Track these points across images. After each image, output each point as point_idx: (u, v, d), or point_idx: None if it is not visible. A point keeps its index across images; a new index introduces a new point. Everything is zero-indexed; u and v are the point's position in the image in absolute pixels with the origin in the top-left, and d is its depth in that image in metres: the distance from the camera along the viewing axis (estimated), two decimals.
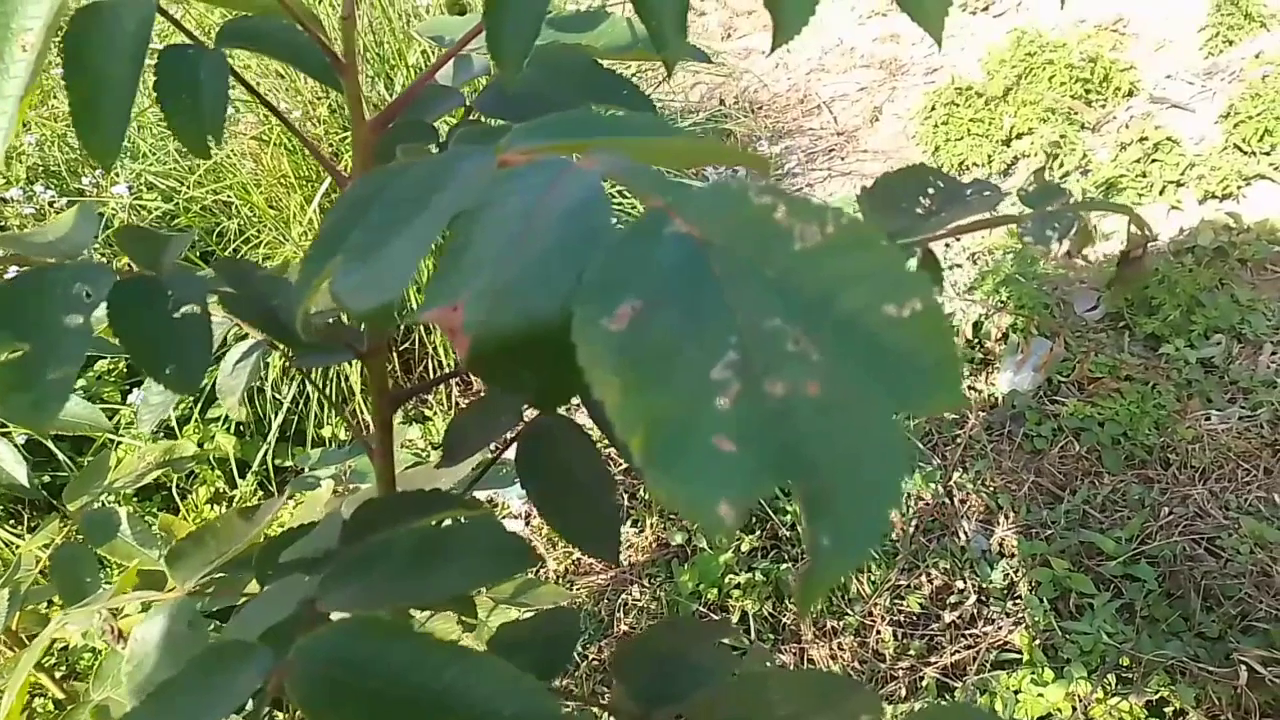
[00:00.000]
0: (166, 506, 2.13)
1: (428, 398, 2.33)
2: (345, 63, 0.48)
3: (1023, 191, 0.46)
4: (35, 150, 2.54)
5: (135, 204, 2.37)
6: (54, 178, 2.55)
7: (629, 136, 0.35)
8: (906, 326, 0.27)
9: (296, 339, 0.46)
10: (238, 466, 2.15)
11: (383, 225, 0.35)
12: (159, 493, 2.15)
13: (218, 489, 2.19)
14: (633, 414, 0.25)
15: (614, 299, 0.27)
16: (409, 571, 0.46)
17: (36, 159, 2.54)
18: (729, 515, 0.24)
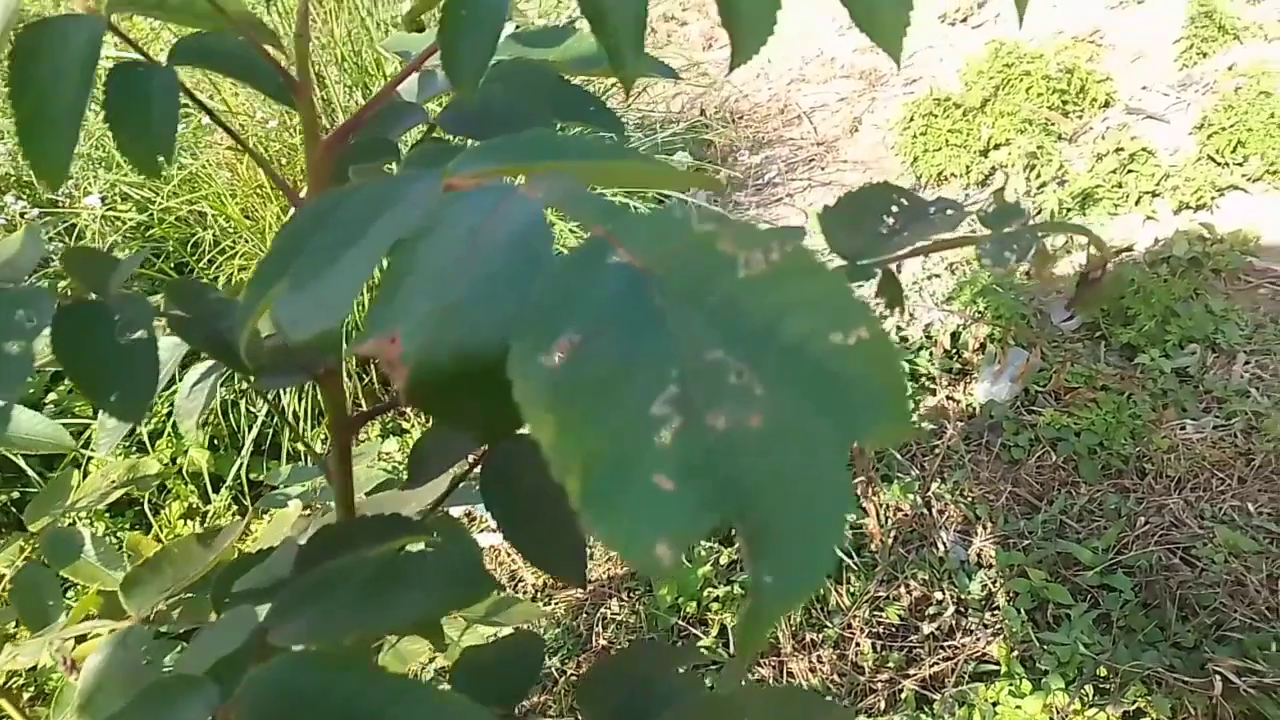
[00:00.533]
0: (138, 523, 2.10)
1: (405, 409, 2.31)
2: (299, 81, 0.47)
3: (982, 212, 0.46)
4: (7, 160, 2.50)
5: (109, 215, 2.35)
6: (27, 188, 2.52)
7: (578, 160, 0.35)
8: (852, 355, 0.26)
9: (241, 363, 0.45)
10: (211, 481, 2.12)
11: (325, 250, 0.34)
12: (131, 508, 2.12)
13: (191, 504, 2.16)
14: (569, 452, 0.25)
15: (551, 332, 0.26)
16: (362, 601, 0.45)
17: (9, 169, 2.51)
18: (666, 556, 0.24)
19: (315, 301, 0.33)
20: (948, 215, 0.52)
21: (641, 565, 0.24)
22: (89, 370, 0.42)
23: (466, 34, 0.45)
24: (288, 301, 0.34)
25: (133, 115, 0.47)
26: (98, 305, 0.44)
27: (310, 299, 0.33)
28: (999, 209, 0.45)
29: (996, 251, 0.42)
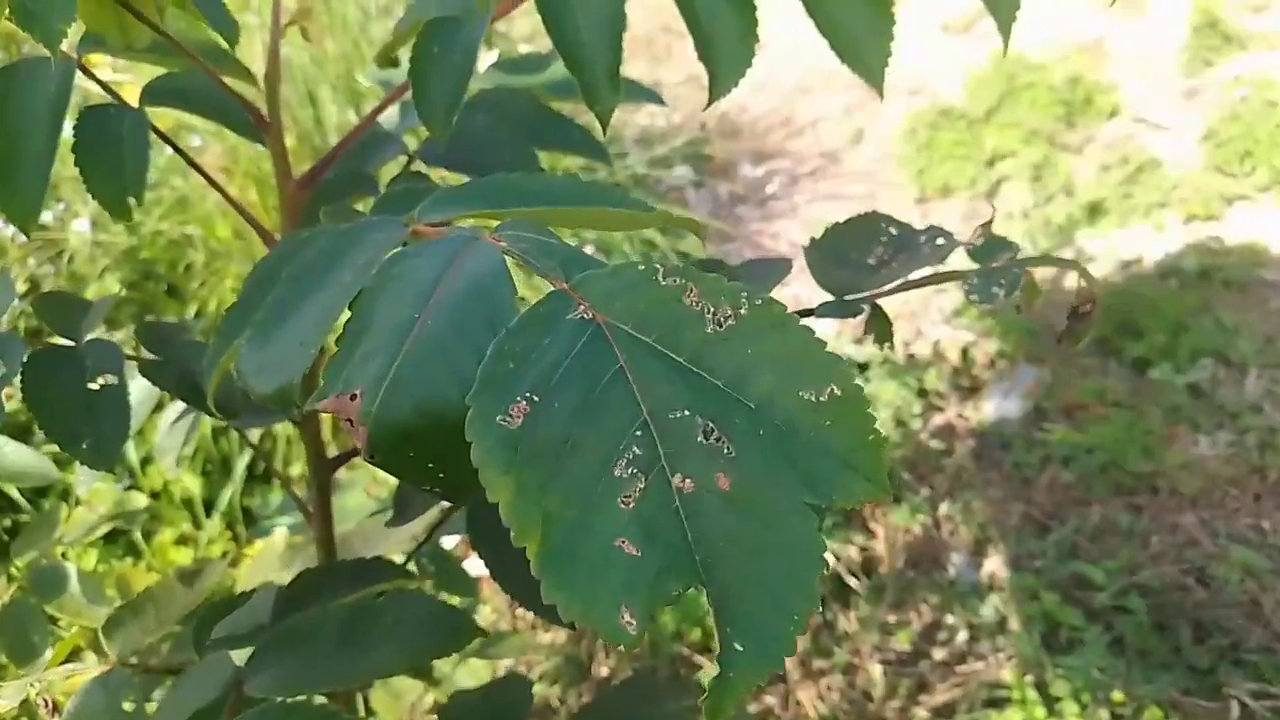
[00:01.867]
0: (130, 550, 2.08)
1: None
2: (269, 121, 0.46)
3: (970, 246, 0.44)
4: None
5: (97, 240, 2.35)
6: None
7: (546, 206, 0.33)
8: (824, 412, 0.25)
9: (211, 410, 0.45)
10: (204, 507, 2.11)
11: (285, 301, 0.33)
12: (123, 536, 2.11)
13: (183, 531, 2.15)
14: (527, 517, 0.23)
15: (509, 392, 0.25)
16: (339, 652, 0.44)
17: None
18: (632, 624, 0.23)
19: (276, 354, 0.32)
20: (938, 245, 0.51)
21: (606, 633, 0.22)
22: (60, 417, 0.41)
23: (437, 72, 0.44)
24: (250, 353, 0.33)
25: (104, 157, 0.46)
26: (68, 350, 0.43)
27: (272, 351, 0.32)
28: (987, 242, 0.44)
29: (984, 287, 0.41)
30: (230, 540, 2.07)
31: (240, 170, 2.32)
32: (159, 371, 0.46)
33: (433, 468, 0.28)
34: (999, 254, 0.43)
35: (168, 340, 0.47)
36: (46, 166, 0.46)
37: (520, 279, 0.31)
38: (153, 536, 2.07)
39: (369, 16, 2.49)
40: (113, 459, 0.41)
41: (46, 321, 0.44)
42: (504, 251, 0.29)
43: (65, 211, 2.33)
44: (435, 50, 0.44)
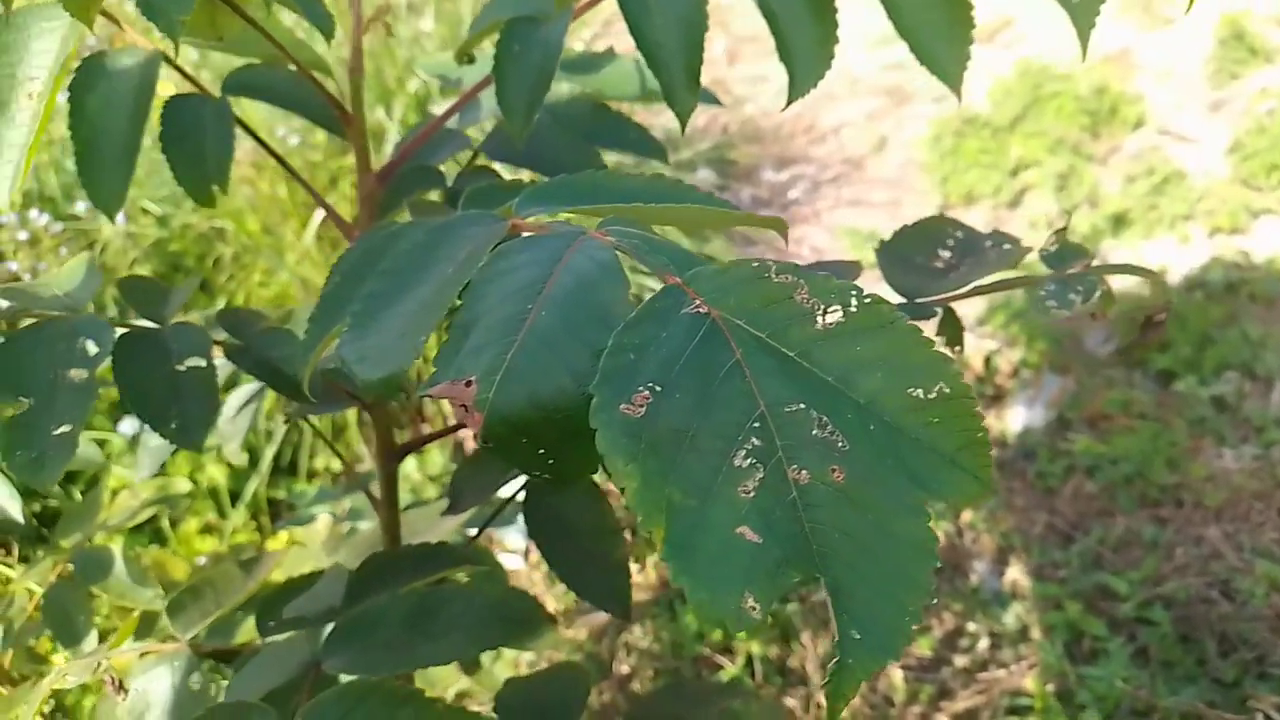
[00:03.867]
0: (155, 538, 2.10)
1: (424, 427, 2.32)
2: (351, 114, 0.47)
3: (1044, 252, 0.45)
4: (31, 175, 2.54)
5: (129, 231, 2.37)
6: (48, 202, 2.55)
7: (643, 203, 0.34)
8: (931, 410, 0.26)
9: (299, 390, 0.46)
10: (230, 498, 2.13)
11: (385, 292, 0.34)
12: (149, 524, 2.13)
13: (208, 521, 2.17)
14: (652, 504, 0.24)
15: (631, 383, 0.26)
16: (409, 635, 0.45)
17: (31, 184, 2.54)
18: (755, 610, 0.23)
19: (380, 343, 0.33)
20: (1005, 251, 0.52)
21: (729, 620, 0.23)
22: (147, 398, 0.42)
23: (518, 70, 0.45)
24: (351, 342, 0.33)
25: (187, 145, 0.47)
26: (155, 334, 0.44)
27: (375, 340, 0.33)
28: (1061, 248, 0.44)
29: (1061, 293, 0.41)
30: (255, 531, 2.09)
31: (270, 166, 2.33)
32: (240, 355, 0.47)
33: (542, 454, 0.29)
34: (1074, 260, 0.43)
35: (245, 326, 0.49)
36: (131, 154, 0.47)
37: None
38: (178, 525, 2.09)
39: (416, 13, 2.51)
40: (200, 439, 0.42)
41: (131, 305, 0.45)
42: (615, 248, 0.29)
43: None
44: (516, 49, 0.45)
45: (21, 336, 0.42)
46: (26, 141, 0.46)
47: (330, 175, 2.36)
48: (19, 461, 0.39)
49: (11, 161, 0.47)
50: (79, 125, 0.47)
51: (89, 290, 0.46)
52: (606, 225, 0.32)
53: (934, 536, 0.25)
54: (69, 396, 0.40)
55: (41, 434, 0.40)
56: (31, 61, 0.46)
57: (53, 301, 0.45)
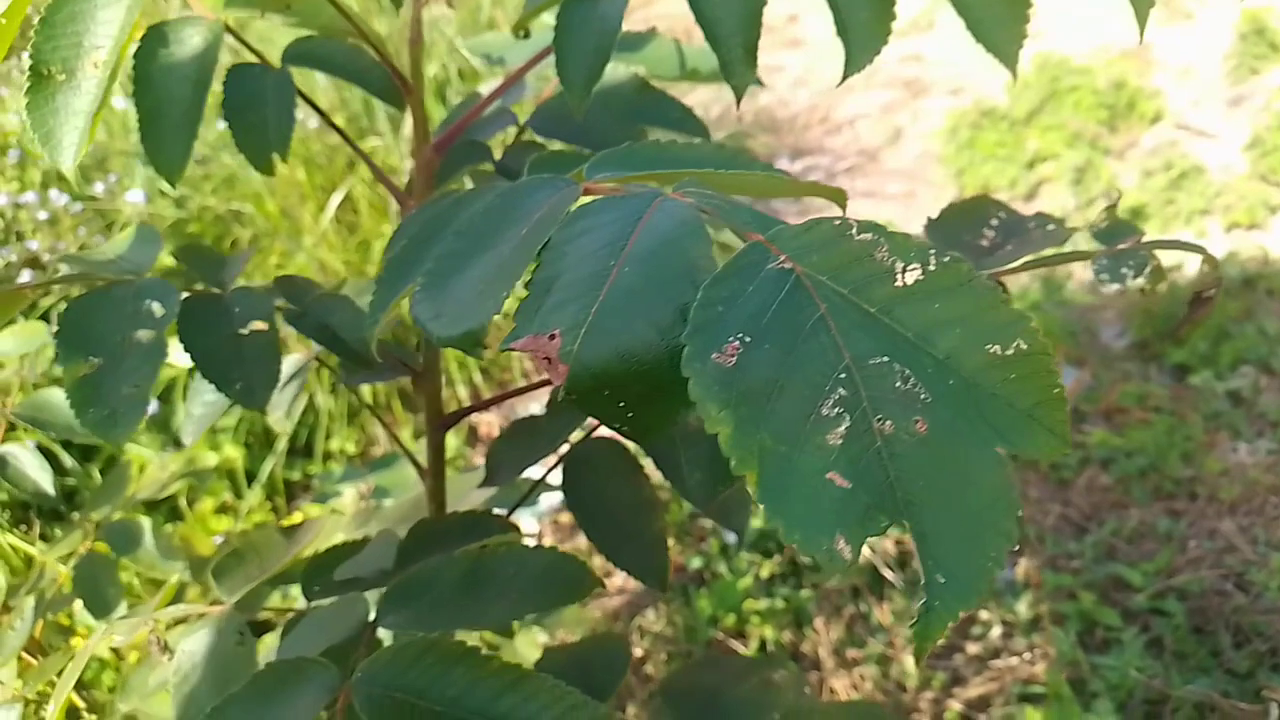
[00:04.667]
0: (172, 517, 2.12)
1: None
2: (411, 85, 0.48)
3: (1094, 228, 0.46)
4: None
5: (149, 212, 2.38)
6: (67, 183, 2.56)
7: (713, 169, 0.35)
8: (1009, 367, 0.27)
9: (356, 355, 0.46)
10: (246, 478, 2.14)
11: (458, 253, 0.35)
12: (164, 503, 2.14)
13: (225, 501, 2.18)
14: (745, 449, 0.25)
15: (721, 334, 0.26)
16: (465, 597, 0.46)
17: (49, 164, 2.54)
18: (846, 551, 0.24)
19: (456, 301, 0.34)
20: (1049, 231, 0.52)
21: (822, 560, 0.24)
22: (211, 360, 0.43)
23: (578, 44, 0.46)
24: (425, 301, 0.34)
25: (249, 114, 0.48)
26: (217, 298, 0.45)
27: (449, 299, 0.34)
28: (1111, 225, 0.45)
29: (1113, 268, 0.42)
30: (270, 512, 2.11)
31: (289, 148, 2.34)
32: (300, 321, 0.48)
33: (623, 407, 0.29)
34: (1124, 236, 0.44)
35: (302, 293, 0.49)
36: (194, 122, 0.48)
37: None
38: (195, 504, 2.11)
39: None
40: (263, 400, 0.43)
41: (193, 270, 0.46)
42: (695, 207, 0.30)
43: (116, 184, 2.37)
44: (576, 23, 0.45)
45: (88, 299, 0.43)
46: (91, 109, 0.47)
47: (348, 159, 2.37)
48: (91, 418, 0.40)
49: (77, 129, 0.47)
50: (143, 94, 0.48)
51: (150, 255, 0.47)
52: (682, 187, 0.32)
53: (1014, 486, 0.26)
54: (137, 357, 0.41)
55: (112, 392, 0.40)
56: (97, 31, 0.47)
57: (112, 266, 0.46)
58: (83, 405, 0.40)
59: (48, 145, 0.48)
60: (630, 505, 0.63)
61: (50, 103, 0.47)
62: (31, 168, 2.42)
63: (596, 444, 0.65)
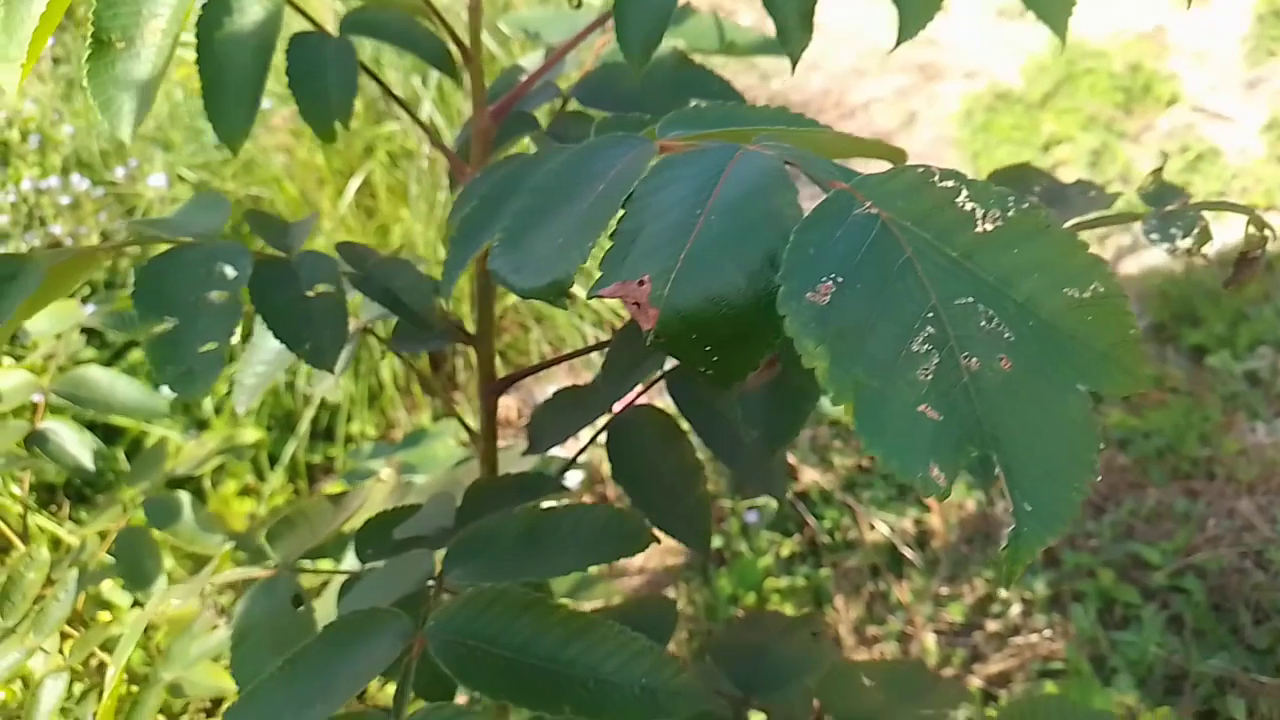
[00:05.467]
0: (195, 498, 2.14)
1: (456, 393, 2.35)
2: (471, 53, 0.49)
3: (1143, 191, 0.46)
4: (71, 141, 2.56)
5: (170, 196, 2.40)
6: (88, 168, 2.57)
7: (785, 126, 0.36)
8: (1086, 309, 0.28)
9: (417, 318, 0.48)
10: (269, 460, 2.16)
11: (535, 209, 0.36)
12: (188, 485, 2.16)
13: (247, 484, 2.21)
14: (842, 383, 0.26)
15: (814, 274, 0.27)
16: (524, 551, 0.47)
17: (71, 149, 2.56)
18: (941, 478, 0.25)
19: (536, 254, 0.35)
20: (1091, 197, 0.53)
21: (919, 486, 0.25)
22: (281, 322, 0.45)
23: (639, 10, 0.47)
24: (504, 255, 0.35)
25: (310, 82, 0.49)
26: (284, 262, 0.46)
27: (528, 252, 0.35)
28: (1158, 188, 0.45)
29: (1163, 228, 0.43)
30: (293, 494, 2.13)
31: (308, 134, 2.35)
32: (364, 284, 0.49)
33: (709, 351, 0.31)
34: (1172, 198, 0.45)
35: (361, 259, 0.51)
36: (256, 89, 0.49)
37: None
38: (218, 487, 2.13)
39: None
40: (331, 361, 0.44)
41: (260, 235, 0.47)
42: (780, 159, 0.31)
43: (136, 169, 2.38)
44: None
45: (161, 261, 0.44)
46: (151, 78, 0.48)
47: (366, 144, 2.38)
48: (169, 375, 0.41)
49: (136, 97, 0.48)
50: (206, 62, 0.49)
51: (218, 220, 0.48)
52: (759, 141, 0.33)
53: (1095, 421, 0.27)
54: (212, 316, 0.42)
55: (188, 351, 0.42)
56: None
57: (184, 231, 0.47)
58: (161, 362, 0.41)
59: (107, 113, 0.49)
60: (675, 470, 0.64)
61: (110, 71, 0.48)
62: (52, 153, 2.44)
63: (640, 411, 0.66)
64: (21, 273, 0.42)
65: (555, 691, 0.41)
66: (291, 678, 0.44)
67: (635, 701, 0.41)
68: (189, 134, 2.45)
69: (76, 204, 2.28)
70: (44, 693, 0.94)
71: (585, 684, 0.42)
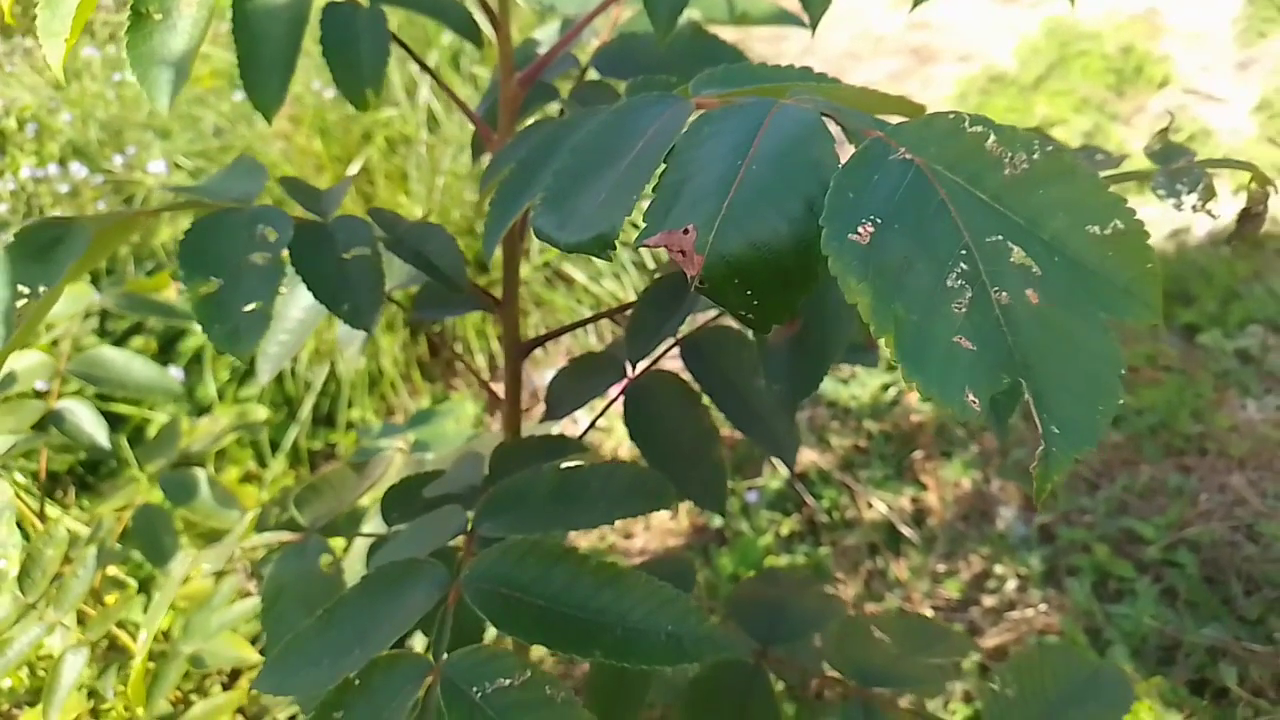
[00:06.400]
0: None
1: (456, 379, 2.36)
2: (500, 20, 0.51)
3: (1149, 150, 0.48)
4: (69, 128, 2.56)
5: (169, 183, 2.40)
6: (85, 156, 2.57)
7: (813, 83, 0.38)
8: (1108, 245, 0.29)
9: (449, 280, 0.49)
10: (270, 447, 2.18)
11: (576, 169, 0.38)
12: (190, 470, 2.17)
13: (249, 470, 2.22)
14: (883, 317, 0.28)
15: (855, 216, 0.29)
16: (556, 505, 0.49)
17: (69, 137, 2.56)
18: (975, 404, 0.27)
19: (580, 212, 0.36)
20: (1098, 160, 0.55)
21: (956, 410, 0.27)
22: (321, 283, 0.46)
23: None
24: (547, 214, 0.37)
25: (343, 51, 0.51)
26: (321, 226, 0.48)
27: (570, 209, 0.37)
28: (1165, 147, 0.47)
29: (1169, 184, 0.44)
30: (294, 480, 2.14)
31: (306, 119, 2.36)
32: (397, 247, 0.50)
33: (750, 295, 0.32)
34: (1178, 157, 0.47)
35: (392, 224, 0.52)
36: (291, 59, 0.50)
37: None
38: (220, 473, 2.14)
39: None
40: (371, 319, 0.45)
41: (296, 201, 0.49)
42: (816, 111, 0.33)
43: (134, 157, 2.38)
44: None
45: (204, 224, 0.46)
46: (188, 49, 0.49)
47: (364, 130, 2.38)
48: (216, 334, 0.42)
49: (173, 68, 0.50)
50: (241, 34, 0.50)
51: (256, 186, 0.49)
52: (794, 95, 0.35)
53: (1118, 349, 0.28)
54: (254, 278, 0.44)
55: (233, 310, 0.43)
56: None
57: (224, 195, 0.48)
58: (209, 321, 0.42)
59: (145, 84, 0.50)
60: (692, 433, 0.66)
61: (148, 42, 0.49)
62: (50, 141, 2.44)
63: (657, 377, 0.68)
64: (69, 235, 0.43)
65: (586, 637, 0.43)
66: (329, 626, 0.45)
67: (661, 647, 0.43)
68: (185, 122, 2.45)
69: (75, 192, 2.28)
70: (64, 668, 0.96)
71: (614, 630, 0.43)
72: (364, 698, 0.41)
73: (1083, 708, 0.55)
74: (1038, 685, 0.57)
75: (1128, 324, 0.30)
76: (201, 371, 2.07)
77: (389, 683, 0.41)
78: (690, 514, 1.95)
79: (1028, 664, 0.57)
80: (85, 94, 2.57)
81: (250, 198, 0.48)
